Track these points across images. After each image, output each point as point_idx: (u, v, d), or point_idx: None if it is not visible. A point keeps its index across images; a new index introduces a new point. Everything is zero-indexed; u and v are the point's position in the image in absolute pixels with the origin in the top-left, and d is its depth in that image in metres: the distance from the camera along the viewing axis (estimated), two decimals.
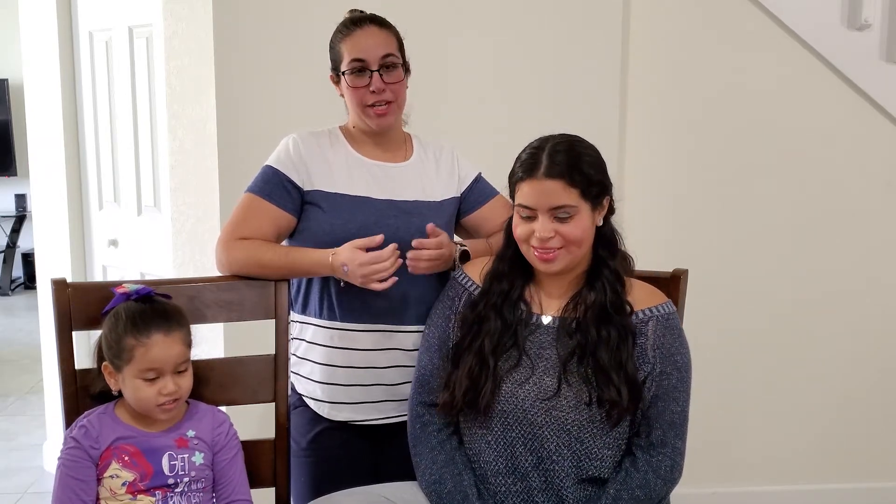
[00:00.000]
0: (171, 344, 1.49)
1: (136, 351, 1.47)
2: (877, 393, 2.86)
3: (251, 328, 1.74)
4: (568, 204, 1.50)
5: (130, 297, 1.53)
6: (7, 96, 6.78)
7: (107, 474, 1.49)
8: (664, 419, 1.54)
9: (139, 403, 1.50)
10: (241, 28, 2.44)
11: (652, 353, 1.54)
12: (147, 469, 1.50)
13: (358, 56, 1.71)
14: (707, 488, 2.83)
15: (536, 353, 1.56)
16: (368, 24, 1.74)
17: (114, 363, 1.50)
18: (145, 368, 1.47)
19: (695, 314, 1.86)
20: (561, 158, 1.50)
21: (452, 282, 1.70)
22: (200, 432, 1.57)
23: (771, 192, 2.77)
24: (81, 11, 3.01)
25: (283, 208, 1.74)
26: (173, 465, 1.52)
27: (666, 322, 1.57)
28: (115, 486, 1.49)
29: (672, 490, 1.58)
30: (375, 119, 1.75)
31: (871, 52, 2.68)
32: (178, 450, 1.53)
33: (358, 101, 1.74)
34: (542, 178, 1.49)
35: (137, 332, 1.47)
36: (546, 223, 1.50)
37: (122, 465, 1.49)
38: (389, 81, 1.72)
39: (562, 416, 1.51)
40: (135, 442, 1.51)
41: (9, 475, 3.32)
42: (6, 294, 6.87)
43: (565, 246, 1.52)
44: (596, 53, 2.59)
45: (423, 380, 1.66)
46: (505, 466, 1.55)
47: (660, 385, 1.54)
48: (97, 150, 3.07)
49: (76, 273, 3.12)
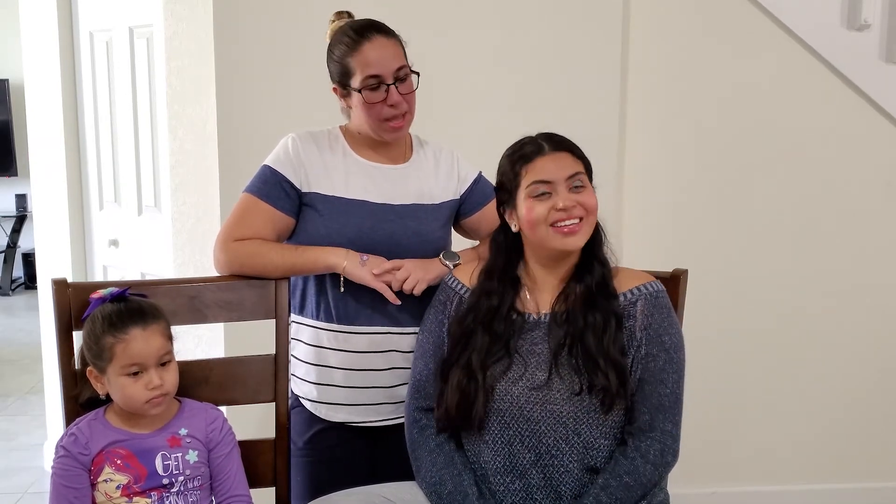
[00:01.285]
0: (149, 337, 1.49)
1: (115, 348, 1.47)
2: (877, 393, 2.86)
3: (251, 328, 1.74)
4: (580, 171, 1.56)
5: (105, 300, 1.53)
6: (7, 96, 6.78)
7: (101, 479, 1.49)
8: (651, 403, 1.53)
9: (127, 402, 1.50)
10: (241, 28, 2.44)
11: (640, 333, 1.54)
12: (141, 471, 1.50)
13: (373, 73, 1.69)
14: (707, 488, 2.83)
15: (528, 349, 1.56)
16: (375, 35, 1.71)
17: (97, 365, 1.50)
18: (127, 364, 1.47)
19: (695, 314, 1.86)
20: (559, 138, 1.58)
21: (443, 286, 1.70)
22: (193, 430, 1.56)
23: (771, 192, 2.77)
24: (82, 11, 3.02)
25: (282, 210, 1.73)
26: (167, 465, 1.51)
27: (654, 300, 1.57)
28: (110, 489, 1.49)
29: (666, 475, 1.56)
30: (391, 133, 1.74)
31: (871, 52, 2.68)
32: (171, 449, 1.53)
33: (375, 116, 1.72)
34: (551, 152, 1.55)
35: (115, 330, 1.47)
36: (565, 194, 1.53)
37: (114, 468, 1.49)
38: (404, 92, 1.71)
39: (557, 408, 1.51)
40: (126, 445, 1.51)
41: (9, 475, 3.33)
42: (6, 294, 6.87)
43: (585, 217, 1.54)
44: (596, 53, 2.59)
45: (418, 385, 1.66)
46: (504, 465, 1.55)
47: (646, 368, 1.53)
48: (97, 150, 3.07)
49: (76, 273, 3.12)
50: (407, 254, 1.74)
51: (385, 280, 1.69)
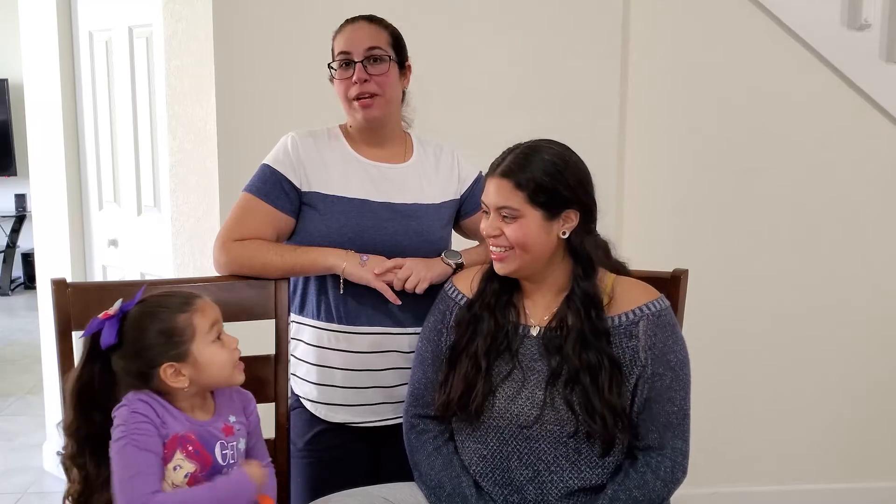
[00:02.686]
0: (208, 304, 1.45)
1: (194, 318, 1.41)
2: (877, 393, 2.86)
3: (251, 328, 1.74)
4: (510, 205, 1.51)
5: (127, 310, 1.42)
6: (7, 96, 6.78)
7: (170, 464, 1.38)
8: (659, 422, 1.52)
9: (221, 371, 1.43)
10: (241, 28, 2.44)
11: (644, 354, 1.52)
12: (206, 460, 1.42)
13: (343, 49, 1.72)
14: (707, 488, 2.83)
15: (528, 365, 1.55)
16: (360, 21, 1.75)
17: (177, 355, 1.39)
18: (210, 325, 1.42)
19: (695, 314, 1.86)
20: (520, 162, 1.51)
21: (443, 295, 1.70)
22: (239, 416, 1.51)
23: (770, 192, 2.77)
24: (81, 11, 3.01)
25: (281, 209, 1.73)
26: (225, 455, 1.45)
27: (658, 320, 1.54)
28: (178, 478, 1.39)
29: (674, 490, 1.57)
30: (360, 112, 1.73)
31: (871, 52, 2.68)
32: (227, 438, 1.46)
33: (343, 93, 1.74)
34: (497, 176, 1.53)
35: (183, 305, 1.42)
36: (493, 220, 1.54)
37: (185, 455, 1.40)
38: (374, 73, 1.71)
39: (556, 429, 1.51)
40: (194, 431, 1.42)
41: (9, 475, 3.32)
42: (6, 294, 6.87)
43: (512, 247, 1.52)
44: (596, 54, 2.59)
45: (416, 393, 1.66)
46: (500, 479, 1.55)
47: (652, 387, 1.52)
48: (97, 150, 3.07)
49: (76, 273, 3.12)
50: (408, 254, 1.74)
51: (387, 279, 1.69)
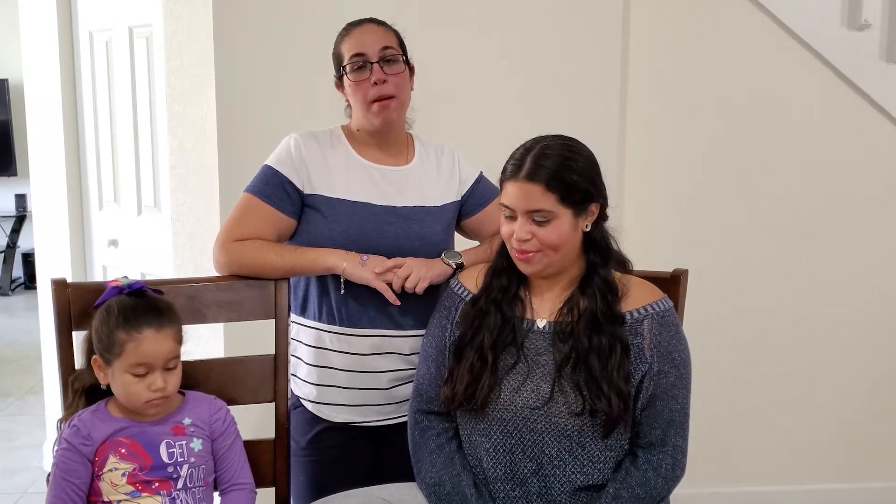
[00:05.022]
0: (161, 340, 1.48)
1: (126, 345, 1.46)
2: (877, 393, 2.86)
3: (251, 328, 1.74)
4: (544, 208, 1.49)
5: (123, 291, 1.52)
6: (7, 96, 6.78)
7: (105, 469, 1.47)
8: (663, 418, 1.54)
9: (128, 399, 1.49)
10: (241, 28, 2.44)
11: (649, 352, 1.53)
12: (146, 459, 1.49)
13: (357, 51, 1.71)
14: (707, 488, 2.83)
15: (534, 358, 1.55)
16: (367, 23, 1.75)
17: (104, 357, 1.49)
18: (135, 363, 1.46)
19: (695, 314, 1.86)
20: (544, 163, 1.49)
21: (448, 292, 1.70)
22: (197, 419, 1.56)
23: (770, 192, 2.77)
24: (81, 11, 3.01)
25: (283, 211, 1.73)
26: (171, 453, 1.50)
27: (662, 319, 1.55)
28: (115, 477, 1.47)
29: (674, 488, 1.58)
30: (379, 114, 1.73)
31: (871, 52, 2.68)
32: (175, 437, 1.52)
33: (361, 97, 1.72)
34: (522, 180, 1.50)
35: (129, 327, 1.46)
36: (524, 225, 1.51)
37: (119, 457, 1.48)
38: (390, 73, 1.71)
39: (561, 422, 1.51)
40: (129, 433, 1.50)
41: (9, 475, 3.32)
42: (6, 294, 6.87)
43: (542, 249, 1.52)
44: (596, 53, 2.59)
45: (421, 389, 1.67)
46: (504, 473, 1.55)
47: (658, 384, 1.53)
48: (97, 150, 3.07)
49: (76, 273, 3.12)
50: (409, 256, 1.73)
51: (387, 279, 1.69)
